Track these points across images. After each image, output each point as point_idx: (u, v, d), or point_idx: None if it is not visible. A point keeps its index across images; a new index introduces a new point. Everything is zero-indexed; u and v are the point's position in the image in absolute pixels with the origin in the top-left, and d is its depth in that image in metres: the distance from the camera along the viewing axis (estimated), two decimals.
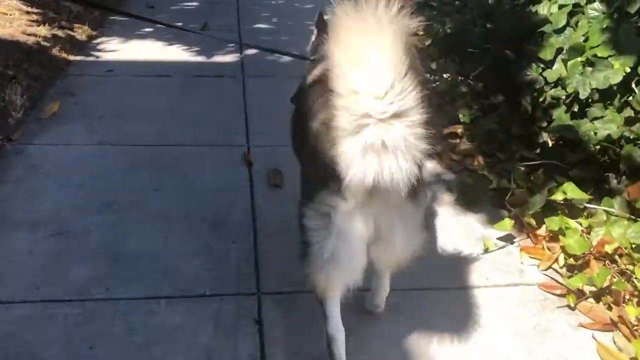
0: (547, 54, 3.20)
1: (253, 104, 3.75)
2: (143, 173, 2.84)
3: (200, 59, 4.57)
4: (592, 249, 2.29)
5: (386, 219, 1.50)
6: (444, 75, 3.97)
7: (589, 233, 2.38)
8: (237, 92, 3.95)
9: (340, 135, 1.33)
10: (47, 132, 3.19)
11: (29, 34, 4.42)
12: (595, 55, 2.76)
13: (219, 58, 4.60)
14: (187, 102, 3.73)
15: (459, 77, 3.94)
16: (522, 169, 2.78)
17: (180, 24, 5.49)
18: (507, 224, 2.44)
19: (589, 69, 2.78)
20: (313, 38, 2.20)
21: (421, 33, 4.65)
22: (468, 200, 2.70)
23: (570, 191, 2.45)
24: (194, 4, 6.39)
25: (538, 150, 3.02)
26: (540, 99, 3.20)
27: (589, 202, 2.46)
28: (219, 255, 2.31)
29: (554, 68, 3.20)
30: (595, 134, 2.63)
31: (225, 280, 2.17)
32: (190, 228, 2.45)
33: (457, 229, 2.55)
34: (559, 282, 2.24)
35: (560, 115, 3.02)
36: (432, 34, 4.45)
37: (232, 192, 2.74)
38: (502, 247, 2.44)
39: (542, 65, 3.26)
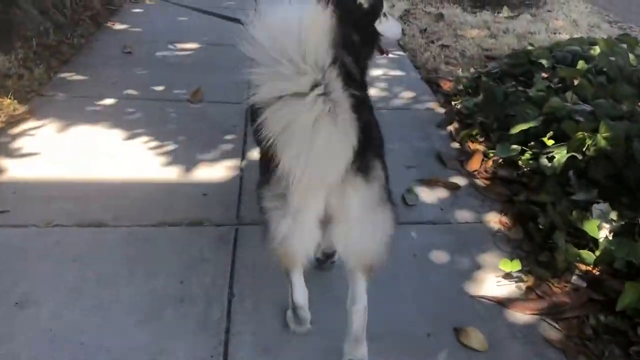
0: None
1: (244, 305, 1.92)
2: None
3: (169, 173, 2.71)
4: None
5: (338, 197, 1.47)
6: (609, 245, 2.02)
7: None
8: (220, 268, 2.11)
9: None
10: None
11: None
12: None
13: (202, 172, 2.75)
14: (119, 312, 1.88)
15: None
16: None
17: (161, 87, 3.73)
18: None
19: None
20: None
21: (551, 141, 2.70)
22: None
23: None
24: (192, 46, 4.52)
25: None
26: None
27: None
28: None
29: None
30: None
31: None
32: None
33: None
34: None
35: None
36: (571, 146, 2.49)
37: None
38: None
39: None
